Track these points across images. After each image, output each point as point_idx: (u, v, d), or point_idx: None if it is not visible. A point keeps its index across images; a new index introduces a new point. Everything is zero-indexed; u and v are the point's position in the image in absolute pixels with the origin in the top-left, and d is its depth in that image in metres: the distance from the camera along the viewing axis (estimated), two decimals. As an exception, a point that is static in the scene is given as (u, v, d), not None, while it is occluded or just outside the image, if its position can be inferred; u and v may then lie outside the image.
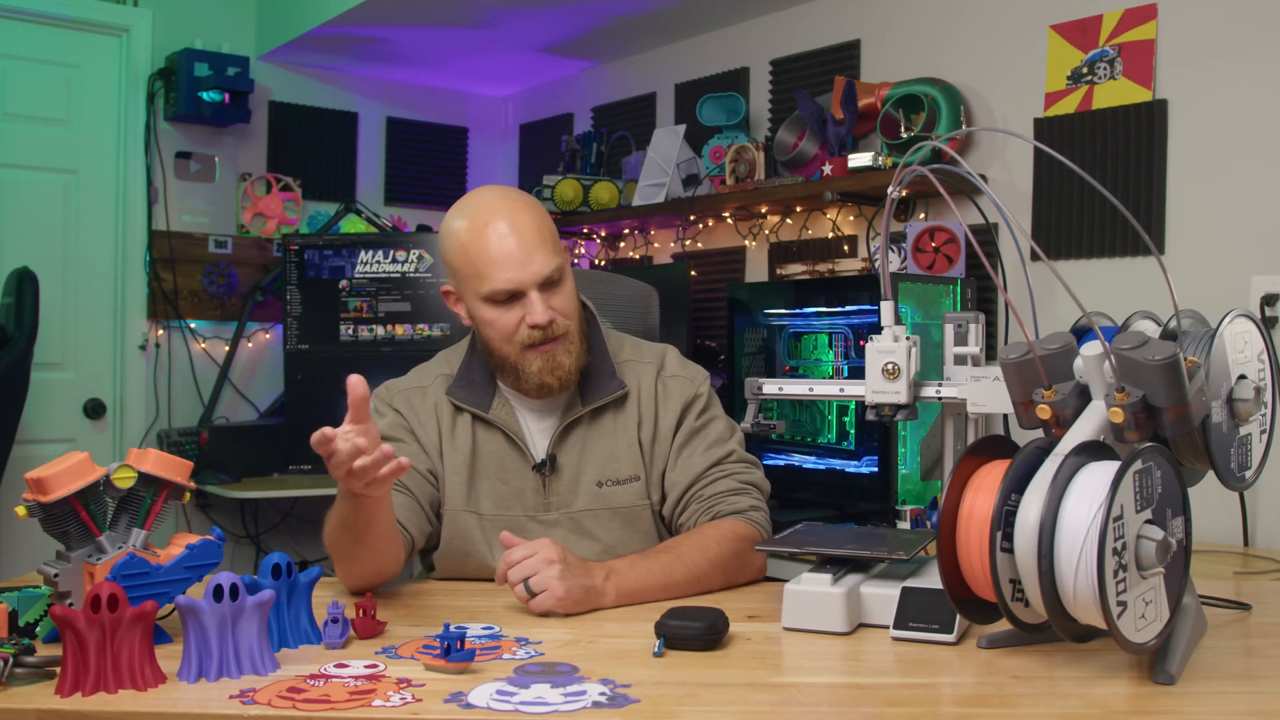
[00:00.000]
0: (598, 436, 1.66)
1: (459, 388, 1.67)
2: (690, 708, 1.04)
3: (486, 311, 1.58)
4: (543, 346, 1.58)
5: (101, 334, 3.82)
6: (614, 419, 1.67)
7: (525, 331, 1.57)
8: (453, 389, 1.67)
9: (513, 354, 1.59)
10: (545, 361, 1.59)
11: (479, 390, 1.67)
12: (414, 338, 3.66)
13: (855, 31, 3.23)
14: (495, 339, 1.60)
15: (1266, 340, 1.27)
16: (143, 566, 1.19)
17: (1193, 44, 2.49)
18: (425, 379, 1.72)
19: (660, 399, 1.68)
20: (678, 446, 1.67)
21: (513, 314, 1.57)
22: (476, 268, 1.56)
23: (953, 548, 1.17)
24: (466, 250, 1.57)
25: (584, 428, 1.66)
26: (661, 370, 1.71)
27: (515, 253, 1.55)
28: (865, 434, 2.70)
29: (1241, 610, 1.42)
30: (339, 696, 1.06)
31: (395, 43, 3.92)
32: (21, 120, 3.65)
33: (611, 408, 1.67)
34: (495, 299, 1.57)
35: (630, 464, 1.65)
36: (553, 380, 1.60)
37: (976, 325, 1.41)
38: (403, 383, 1.73)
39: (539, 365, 1.59)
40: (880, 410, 1.41)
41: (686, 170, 3.45)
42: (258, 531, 4.00)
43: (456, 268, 1.60)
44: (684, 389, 1.69)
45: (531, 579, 1.38)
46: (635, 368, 1.70)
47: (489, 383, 1.67)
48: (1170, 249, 2.52)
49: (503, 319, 1.58)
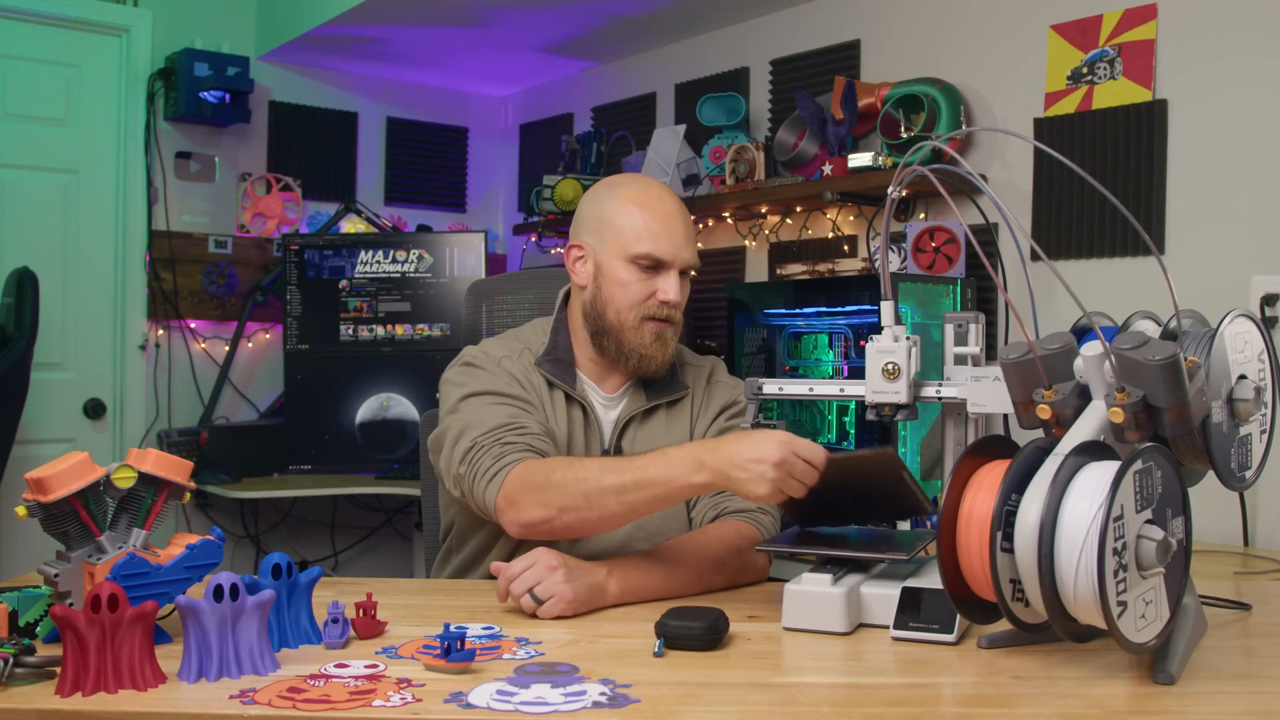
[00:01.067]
0: (651, 429, 1.72)
1: (548, 361, 1.71)
2: (690, 708, 1.04)
3: (625, 272, 1.64)
4: (660, 324, 1.66)
5: (101, 334, 3.82)
6: (667, 416, 1.74)
7: (655, 304, 1.65)
8: (542, 360, 1.71)
9: (631, 321, 1.65)
10: (657, 336, 1.66)
11: (565, 370, 1.71)
12: (414, 338, 3.66)
13: (855, 31, 3.23)
14: (621, 300, 1.65)
15: (1266, 340, 1.27)
16: (143, 566, 1.19)
17: (1193, 44, 2.49)
18: (510, 350, 1.72)
19: (705, 402, 1.77)
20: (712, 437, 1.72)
21: (648, 284, 1.64)
22: (638, 228, 1.63)
23: (953, 548, 1.17)
24: (631, 209, 1.65)
25: (640, 421, 1.73)
26: (711, 377, 1.80)
27: (678, 231, 1.65)
28: (865, 434, 2.70)
29: (1241, 610, 1.42)
30: (339, 696, 1.06)
31: (395, 43, 3.92)
32: (21, 120, 3.65)
33: (666, 406, 1.74)
34: (642, 262, 1.63)
35: None
36: (659, 355, 1.67)
37: (976, 325, 1.41)
38: (496, 350, 1.72)
39: (653, 337, 1.66)
40: (880, 410, 1.41)
41: (686, 170, 3.45)
42: (258, 531, 4.00)
43: (610, 221, 1.66)
44: (726, 394, 1.79)
45: (536, 587, 1.38)
46: (692, 371, 1.79)
47: (572, 365, 1.72)
48: (1170, 249, 2.52)
49: (639, 284, 1.64)
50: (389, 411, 3.65)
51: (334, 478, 3.59)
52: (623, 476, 1.45)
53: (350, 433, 3.63)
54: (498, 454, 1.53)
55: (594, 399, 1.73)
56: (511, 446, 1.54)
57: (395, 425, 3.63)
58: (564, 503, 1.47)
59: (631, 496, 1.44)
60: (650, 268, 1.64)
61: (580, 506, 1.46)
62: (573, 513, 1.47)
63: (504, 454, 1.53)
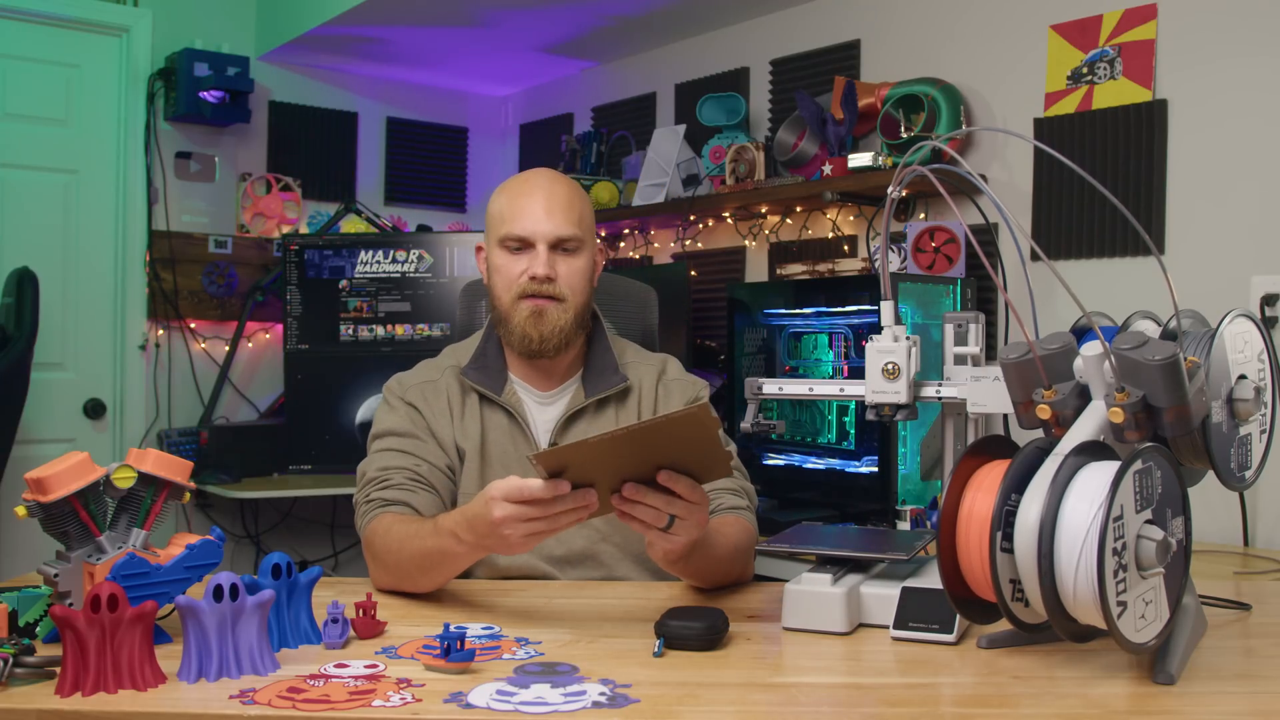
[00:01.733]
0: (601, 426, 1.68)
1: (473, 369, 1.72)
2: (690, 708, 1.04)
3: (499, 258, 1.67)
4: (536, 300, 1.65)
5: (101, 334, 3.82)
6: (615, 413, 1.71)
7: (524, 281, 1.64)
8: (466, 370, 1.72)
9: (508, 302, 1.66)
10: (532, 313, 1.64)
11: (492, 375, 1.71)
12: (414, 338, 3.66)
13: (855, 31, 3.23)
14: (499, 285, 1.68)
15: (1266, 340, 1.27)
16: (143, 566, 1.19)
17: (1193, 44, 2.49)
18: (434, 372, 1.75)
19: (661, 398, 1.74)
20: None
21: (519, 264, 1.66)
22: (502, 214, 1.67)
23: (953, 548, 1.17)
24: (499, 200, 1.69)
25: (587, 420, 1.70)
26: (663, 374, 1.77)
27: (539, 208, 1.65)
28: (865, 434, 2.70)
29: (1241, 610, 1.42)
30: (339, 696, 1.06)
31: (395, 43, 3.92)
32: (21, 120, 3.65)
33: (614, 402, 1.72)
34: (507, 244, 1.66)
35: None
36: (534, 332, 1.65)
37: (976, 325, 1.41)
38: (412, 377, 1.75)
39: (526, 314, 1.65)
40: (880, 410, 1.41)
41: (686, 170, 3.45)
42: (258, 531, 4.00)
43: (489, 215, 1.71)
44: (686, 390, 1.76)
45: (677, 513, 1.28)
46: (637, 368, 1.76)
47: (502, 369, 1.72)
48: (1170, 249, 2.52)
49: (509, 265, 1.66)
50: (389, 411, 3.64)
51: (334, 478, 3.59)
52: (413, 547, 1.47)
53: (350, 433, 3.63)
54: (364, 512, 1.60)
55: (527, 399, 1.72)
56: (371, 504, 1.59)
57: (395, 425, 3.62)
58: (385, 566, 1.52)
59: (425, 565, 1.46)
60: (518, 249, 1.66)
61: (395, 571, 1.51)
62: (392, 576, 1.52)
63: (366, 513, 1.60)
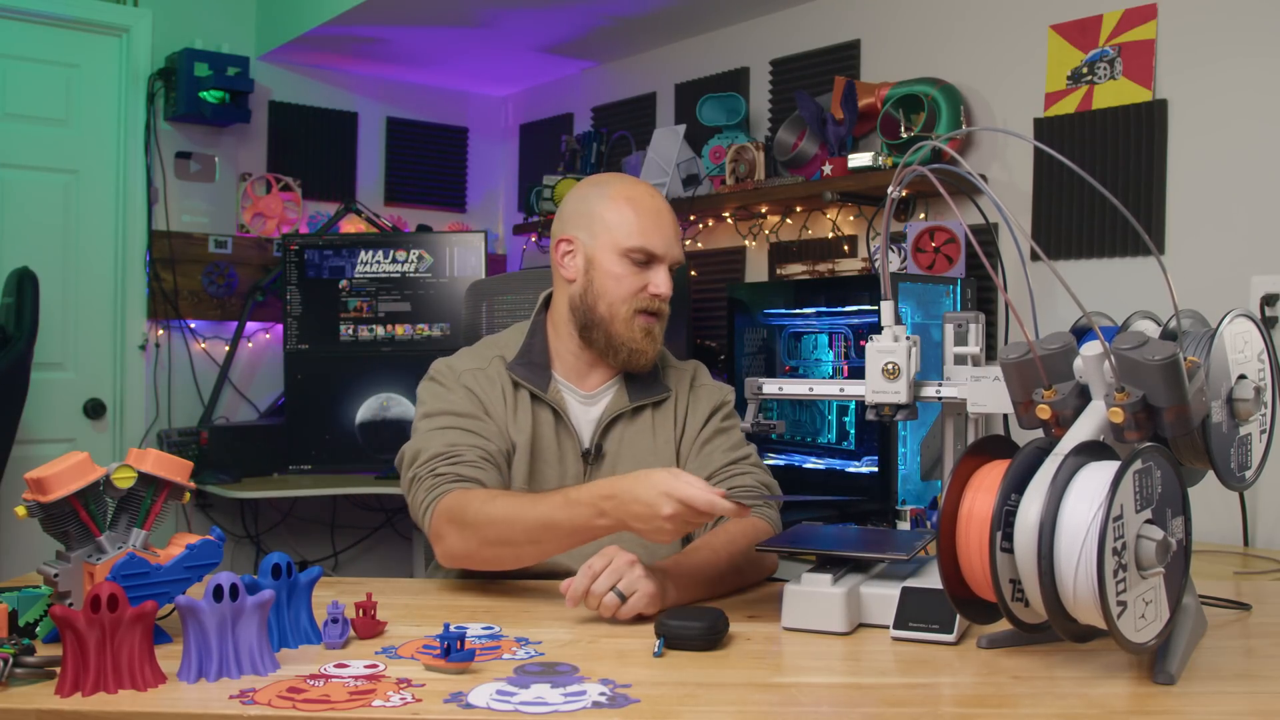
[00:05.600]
0: (636, 432, 1.72)
1: (520, 365, 1.72)
2: (690, 708, 1.04)
3: (618, 266, 1.66)
4: (650, 319, 1.68)
5: (101, 334, 3.82)
6: (652, 418, 1.75)
7: (646, 297, 1.67)
8: (513, 365, 1.71)
9: (623, 314, 1.67)
10: (646, 331, 1.68)
11: (538, 373, 1.72)
12: (414, 338, 3.66)
13: (855, 31, 3.23)
14: (614, 293, 1.67)
15: (1266, 340, 1.27)
16: (143, 566, 1.19)
17: (1193, 44, 2.49)
18: (481, 360, 1.74)
19: (691, 405, 1.78)
20: (701, 442, 1.74)
21: (640, 278, 1.67)
22: (630, 226, 1.66)
23: (953, 548, 1.17)
24: (624, 205, 1.67)
25: (624, 423, 1.73)
26: (694, 380, 1.81)
27: (669, 228, 1.69)
28: (865, 434, 2.70)
29: (1241, 610, 1.42)
30: (339, 696, 1.06)
31: (395, 43, 3.92)
32: (21, 120, 3.65)
33: (651, 407, 1.75)
34: (635, 256, 1.66)
35: (664, 460, 1.72)
36: (649, 349, 1.69)
37: (976, 325, 1.41)
38: (462, 362, 1.74)
39: (643, 333, 1.68)
40: (880, 410, 1.41)
41: (686, 170, 3.45)
42: (258, 531, 4.00)
43: (601, 216, 1.68)
44: (713, 395, 1.80)
45: (620, 583, 1.36)
46: (674, 374, 1.80)
47: (546, 367, 1.73)
48: (1170, 249, 2.52)
49: (631, 278, 1.66)
50: (389, 411, 3.65)
51: (334, 478, 3.59)
52: (532, 516, 1.45)
53: (350, 433, 3.63)
54: (430, 486, 1.57)
55: (570, 399, 1.72)
56: (442, 479, 1.57)
57: (395, 425, 3.63)
58: (483, 537, 1.49)
59: (541, 536, 1.45)
60: (643, 262, 1.66)
61: (495, 542, 1.48)
62: (490, 548, 1.49)
63: (435, 486, 1.56)
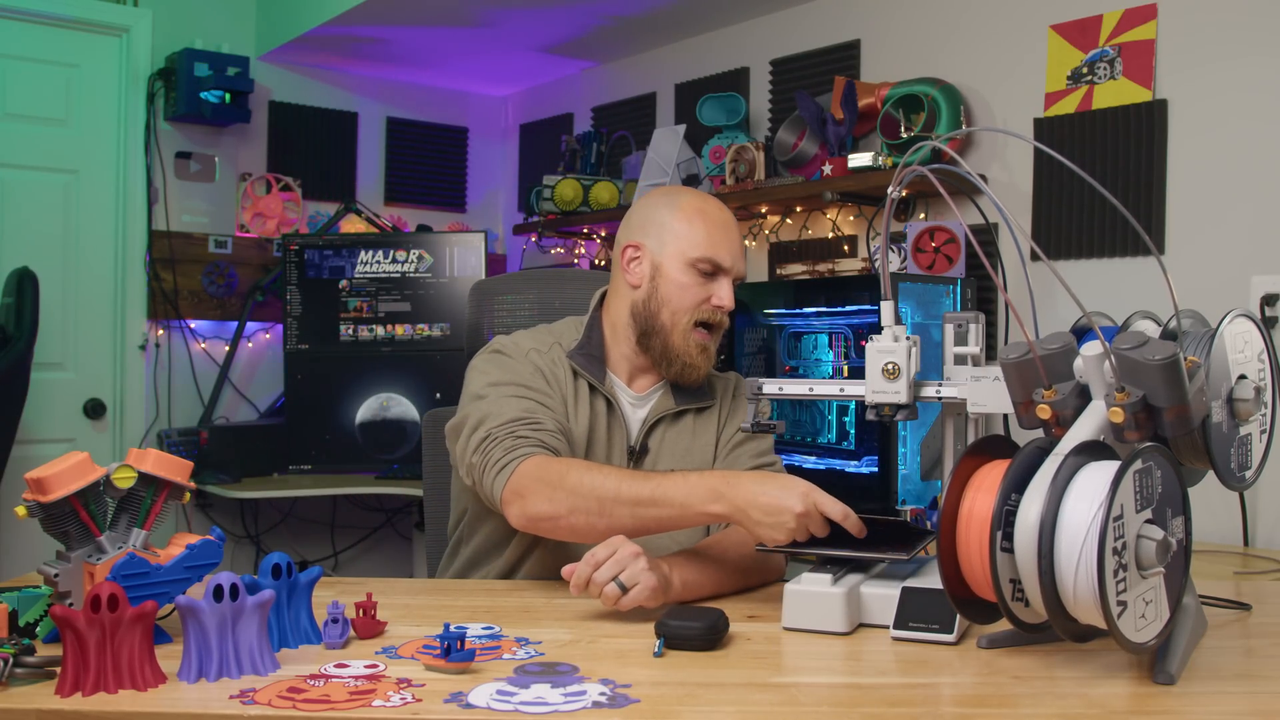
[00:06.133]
0: (678, 433, 1.75)
1: (580, 355, 1.73)
2: (690, 708, 1.04)
3: (684, 275, 1.68)
4: (708, 333, 1.71)
5: (101, 334, 3.82)
6: (694, 421, 1.78)
7: (709, 308, 1.69)
8: (573, 355, 1.73)
9: (682, 324, 1.69)
10: (704, 350, 1.71)
11: (596, 365, 1.73)
12: (414, 338, 3.66)
13: (855, 31, 3.23)
14: (678, 302, 1.68)
15: (1266, 340, 1.27)
16: (143, 566, 1.19)
17: (1193, 44, 2.49)
18: (541, 344, 1.74)
19: (730, 415, 1.81)
20: (730, 446, 1.77)
21: (704, 289, 1.69)
22: (699, 234, 1.68)
23: (953, 548, 1.17)
24: (695, 216, 1.69)
25: (667, 423, 1.75)
26: (735, 390, 1.84)
27: (736, 243, 1.71)
28: (865, 434, 2.70)
29: (1241, 610, 1.42)
30: (339, 696, 1.06)
31: (395, 43, 3.92)
32: (21, 120, 3.65)
33: (694, 412, 1.77)
34: (702, 267, 1.67)
35: (699, 462, 1.75)
36: (703, 364, 1.71)
37: (976, 325, 1.41)
38: (526, 341, 1.74)
39: (699, 349, 1.70)
40: (880, 410, 1.41)
41: (686, 170, 3.45)
42: (258, 531, 4.00)
43: (671, 226, 1.70)
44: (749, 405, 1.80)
45: (622, 575, 1.36)
46: (718, 383, 1.83)
47: (603, 361, 1.74)
48: (1170, 249, 2.52)
49: (696, 288, 1.68)
50: (389, 411, 3.65)
51: (334, 478, 3.59)
52: (640, 490, 1.45)
53: (350, 433, 3.63)
54: (510, 446, 1.54)
55: (622, 396, 1.75)
56: (524, 440, 1.55)
57: (395, 425, 3.63)
58: (575, 504, 1.47)
59: (645, 511, 1.45)
60: (708, 273, 1.68)
61: (592, 511, 1.46)
62: (582, 515, 1.47)
63: (516, 446, 1.54)
